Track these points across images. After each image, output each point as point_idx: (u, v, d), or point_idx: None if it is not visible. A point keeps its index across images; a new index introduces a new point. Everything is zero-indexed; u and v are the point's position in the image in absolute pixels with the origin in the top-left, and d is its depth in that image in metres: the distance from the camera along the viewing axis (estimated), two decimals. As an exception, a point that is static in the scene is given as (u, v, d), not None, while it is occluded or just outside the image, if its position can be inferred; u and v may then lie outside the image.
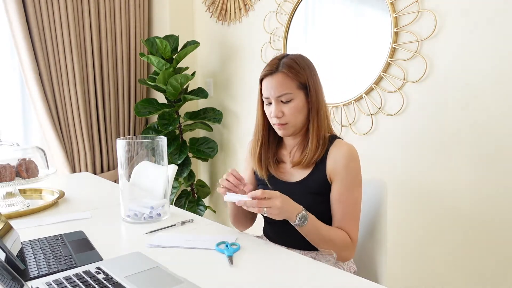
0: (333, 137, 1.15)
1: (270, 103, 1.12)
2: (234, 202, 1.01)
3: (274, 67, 1.09)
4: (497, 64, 1.40)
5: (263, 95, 1.13)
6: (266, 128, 1.19)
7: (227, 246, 0.99)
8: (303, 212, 1.02)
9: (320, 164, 1.11)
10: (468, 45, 1.46)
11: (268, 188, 1.17)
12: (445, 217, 1.58)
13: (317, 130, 1.11)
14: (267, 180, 1.18)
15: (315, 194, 1.11)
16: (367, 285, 0.81)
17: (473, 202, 1.50)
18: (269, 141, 1.20)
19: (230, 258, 0.93)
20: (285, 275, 0.85)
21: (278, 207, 0.97)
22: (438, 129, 1.57)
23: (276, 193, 0.99)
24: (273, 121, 1.12)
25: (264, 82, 1.12)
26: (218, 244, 1.00)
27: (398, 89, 1.66)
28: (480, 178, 1.48)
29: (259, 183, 1.24)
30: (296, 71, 1.08)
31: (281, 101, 1.09)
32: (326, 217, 1.12)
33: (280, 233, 1.18)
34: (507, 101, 1.39)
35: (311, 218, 1.03)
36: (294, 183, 1.14)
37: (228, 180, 1.06)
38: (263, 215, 1.01)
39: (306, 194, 1.11)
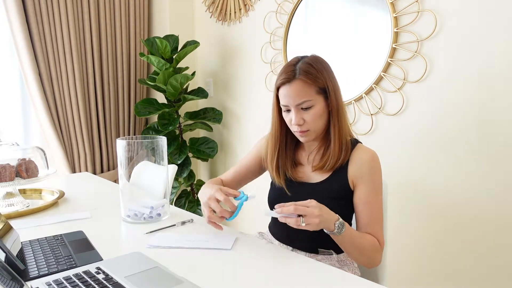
0: (355, 141, 1.13)
1: (289, 110, 1.08)
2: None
3: (291, 75, 1.05)
4: (497, 64, 1.40)
5: (281, 103, 1.09)
6: (284, 134, 1.16)
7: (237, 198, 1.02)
8: (340, 219, 0.98)
9: (341, 169, 1.10)
10: (468, 45, 1.46)
11: (285, 194, 1.15)
12: (445, 217, 1.58)
13: (339, 134, 1.08)
14: (285, 187, 1.15)
15: (334, 198, 1.10)
16: (364, 284, 0.81)
17: (473, 202, 1.50)
18: (287, 145, 1.17)
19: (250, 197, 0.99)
20: (287, 276, 0.85)
21: (316, 215, 0.91)
22: (438, 129, 1.57)
23: (311, 201, 0.94)
24: (293, 128, 1.10)
25: (281, 90, 1.07)
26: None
27: (398, 89, 1.66)
28: (480, 178, 1.48)
29: (274, 189, 1.21)
30: (314, 76, 1.04)
31: (301, 108, 1.06)
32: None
33: (290, 234, 1.16)
34: (507, 101, 1.39)
35: (347, 225, 1.00)
36: (313, 184, 1.13)
37: (212, 210, 1.01)
38: (301, 225, 0.92)
39: (324, 197, 1.07)
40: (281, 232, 1.20)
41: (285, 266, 0.90)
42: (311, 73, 1.04)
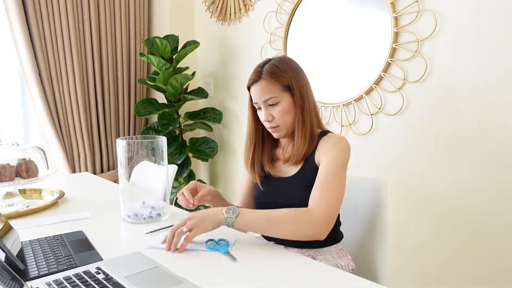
0: (324, 132, 1.18)
1: (260, 108, 1.18)
2: None
3: (257, 75, 1.15)
4: (496, 64, 1.40)
5: (253, 102, 1.19)
6: (259, 132, 1.24)
7: (217, 243, 0.99)
8: (228, 207, 1.01)
9: (309, 158, 1.15)
10: (468, 45, 1.46)
11: (263, 191, 1.21)
12: (445, 217, 1.58)
13: (302, 127, 1.14)
14: (260, 183, 1.22)
15: (309, 186, 1.10)
16: (364, 284, 0.81)
17: (473, 202, 1.50)
18: (264, 142, 1.25)
19: (228, 254, 0.93)
20: (283, 274, 0.85)
21: (193, 222, 0.97)
22: (438, 129, 1.57)
23: (188, 214, 1.01)
24: (266, 125, 1.18)
25: (251, 89, 1.18)
26: (207, 242, 0.99)
27: (398, 89, 1.66)
28: (480, 177, 1.48)
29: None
30: (277, 75, 1.13)
31: (269, 105, 1.14)
32: None
33: None
34: (507, 101, 1.39)
35: (242, 209, 1.01)
36: (288, 178, 1.18)
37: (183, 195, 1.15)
38: (189, 234, 0.97)
39: (301, 188, 1.13)
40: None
41: (283, 265, 0.90)
42: (275, 73, 1.13)
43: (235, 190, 2.56)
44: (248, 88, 1.19)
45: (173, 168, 1.69)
